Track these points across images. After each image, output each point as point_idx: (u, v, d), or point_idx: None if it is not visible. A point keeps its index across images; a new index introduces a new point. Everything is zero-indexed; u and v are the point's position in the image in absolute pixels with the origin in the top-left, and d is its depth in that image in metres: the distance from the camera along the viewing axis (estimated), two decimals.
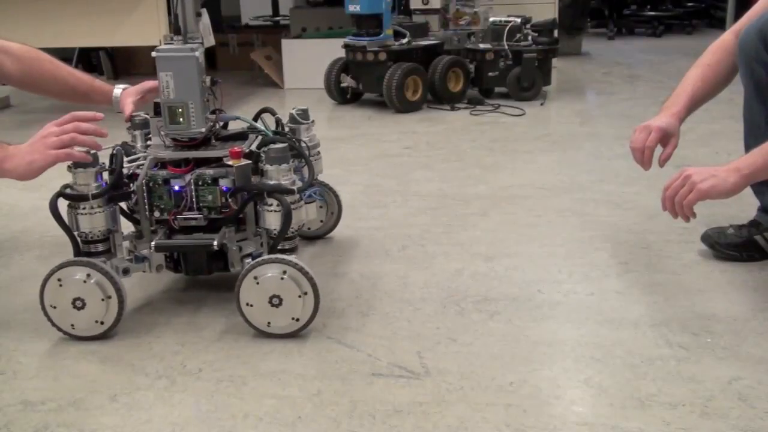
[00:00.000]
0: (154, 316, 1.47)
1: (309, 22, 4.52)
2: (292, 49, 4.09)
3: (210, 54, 4.92)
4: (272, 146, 1.37)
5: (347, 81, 3.47)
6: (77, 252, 1.38)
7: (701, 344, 1.29)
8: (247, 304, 1.33)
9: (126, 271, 1.43)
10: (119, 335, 1.39)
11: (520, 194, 2.14)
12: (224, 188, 1.37)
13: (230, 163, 1.37)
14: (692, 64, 1.64)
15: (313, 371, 1.25)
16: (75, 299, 1.33)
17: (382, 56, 3.32)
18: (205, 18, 1.43)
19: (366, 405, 1.15)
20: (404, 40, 3.40)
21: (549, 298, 1.49)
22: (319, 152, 1.70)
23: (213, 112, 1.44)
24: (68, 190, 1.36)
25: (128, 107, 1.58)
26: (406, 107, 3.30)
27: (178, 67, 1.35)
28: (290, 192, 1.34)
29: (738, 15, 1.92)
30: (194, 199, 1.38)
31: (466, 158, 2.55)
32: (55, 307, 1.34)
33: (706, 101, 1.62)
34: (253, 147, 1.44)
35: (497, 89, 3.56)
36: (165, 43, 1.39)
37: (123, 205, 1.46)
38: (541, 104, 3.42)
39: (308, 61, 3.95)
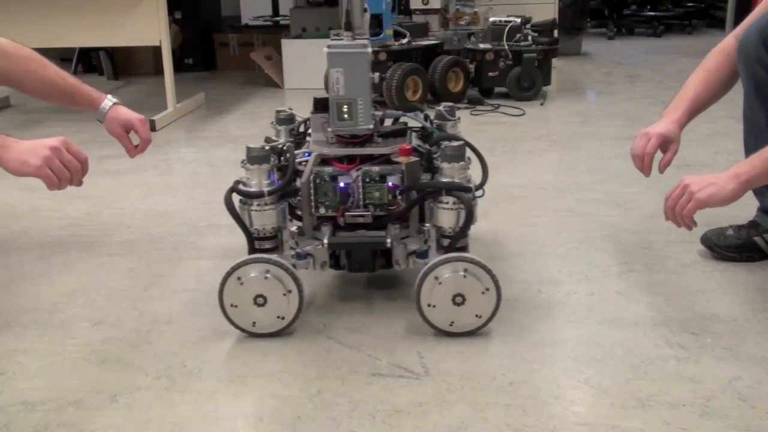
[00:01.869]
0: (154, 315, 1.46)
1: (309, 22, 4.52)
2: (292, 49, 4.09)
3: (210, 54, 4.92)
4: (448, 144, 1.35)
5: None
6: (252, 248, 1.37)
7: (701, 344, 1.29)
8: (429, 305, 1.32)
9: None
10: (119, 335, 1.39)
11: (520, 194, 2.14)
12: (391, 185, 1.35)
13: (399, 160, 1.35)
14: (692, 64, 1.64)
15: (313, 371, 1.25)
16: (257, 296, 1.32)
17: (382, 56, 3.32)
18: (368, 14, 1.43)
19: (366, 405, 1.15)
20: (404, 40, 3.40)
21: (549, 298, 1.49)
22: None
23: None
24: (241, 186, 1.35)
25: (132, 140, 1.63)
26: None
27: (349, 63, 1.34)
28: (468, 190, 1.33)
29: (738, 15, 1.92)
30: (361, 196, 1.37)
31: None
32: (236, 306, 1.33)
33: (708, 106, 1.60)
34: (413, 143, 1.42)
35: (497, 89, 3.57)
36: (333, 39, 1.38)
37: None
38: (541, 104, 3.42)
39: (308, 61, 3.95)
